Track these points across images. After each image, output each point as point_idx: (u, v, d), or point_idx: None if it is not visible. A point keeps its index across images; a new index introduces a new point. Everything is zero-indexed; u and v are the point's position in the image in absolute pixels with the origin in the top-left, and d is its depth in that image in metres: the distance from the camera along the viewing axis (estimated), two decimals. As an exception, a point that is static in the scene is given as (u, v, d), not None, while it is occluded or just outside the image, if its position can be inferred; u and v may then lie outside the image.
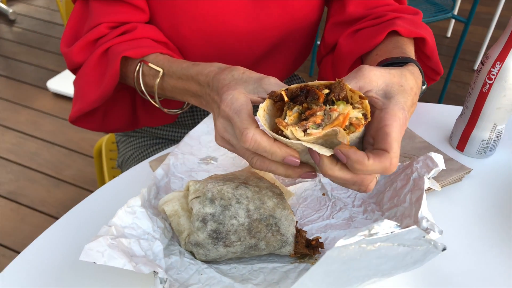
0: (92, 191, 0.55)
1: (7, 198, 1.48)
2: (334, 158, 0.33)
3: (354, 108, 0.33)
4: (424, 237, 0.30)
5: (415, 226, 0.29)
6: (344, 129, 0.32)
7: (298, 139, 0.32)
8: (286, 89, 0.35)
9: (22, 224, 1.39)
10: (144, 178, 0.51)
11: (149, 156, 0.75)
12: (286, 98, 0.34)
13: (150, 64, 0.54)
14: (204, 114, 0.76)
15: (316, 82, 0.34)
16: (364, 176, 0.34)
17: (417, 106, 0.61)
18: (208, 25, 0.61)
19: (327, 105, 0.33)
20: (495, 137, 0.54)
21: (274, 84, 0.38)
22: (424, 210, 0.40)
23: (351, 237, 0.26)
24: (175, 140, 0.77)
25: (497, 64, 0.50)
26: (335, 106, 0.33)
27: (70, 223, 0.46)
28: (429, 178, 0.43)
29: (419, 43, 0.56)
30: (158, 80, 0.52)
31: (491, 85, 0.51)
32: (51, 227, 0.46)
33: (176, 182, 0.47)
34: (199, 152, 0.50)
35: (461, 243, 0.45)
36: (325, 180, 0.49)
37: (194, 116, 0.75)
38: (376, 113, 0.36)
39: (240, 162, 0.51)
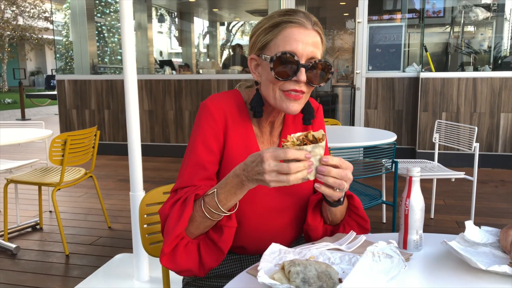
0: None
1: None
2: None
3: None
4: (396, 251, 0.76)
5: (393, 242, 0.75)
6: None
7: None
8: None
9: None
10: None
11: None
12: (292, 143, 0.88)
13: (208, 193, 0.97)
14: (240, 265, 1.17)
15: (303, 133, 0.90)
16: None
17: (382, 235, 1.10)
18: (256, 208, 1.10)
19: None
20: (419, 238, 1.03)
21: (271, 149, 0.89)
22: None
23: (370, 246, 0.72)
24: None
25: (407, 199, 1.02)
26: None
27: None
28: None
29: (350, 199, 1.12)
30: (215, 196, 0.96)
31: (408, 210, 1.02)
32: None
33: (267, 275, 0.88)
34: (272, 261, 0.93)
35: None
36: (340, 272, 0.93)
37: (233, 268, 1.17)
38: None
39: (294, 265, 0.93)
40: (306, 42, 1.01)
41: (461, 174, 2.99)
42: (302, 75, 1.00)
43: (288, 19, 1.02)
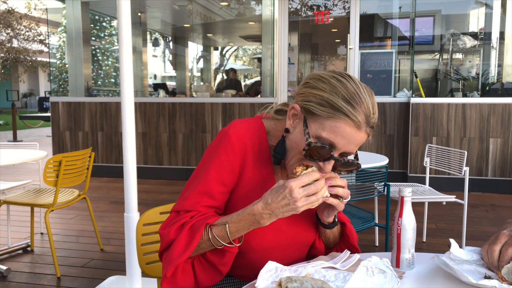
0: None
1: None
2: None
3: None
4: (389, 266, 0.78)
5: (386, 259, 0.77)
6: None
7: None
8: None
9: None
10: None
11: None
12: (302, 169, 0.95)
13: (218, 224, 0.99)
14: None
15: (303, 166, 0.98)
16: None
17: (375, 254, 1.13)
18: (264, 242, 1.10)
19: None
20: (412, 257, 1.06)
21: (282, 180, 0.96)
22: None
23: (364, 261, 0.74)
24: None
25: (399, 219, 1.06)
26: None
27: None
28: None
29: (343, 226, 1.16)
30: (227, 229, 0.98)
31: (400, 229, 1.05)
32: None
33: (264, 292, 0.90)
34: (268, 279, 0.95)
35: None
36: None
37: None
38: None
39: (290, 282, 0.95)
40: (351, 142, 0.97)
41: (452, 198, 3.04)
42: (329, 166, 0.98)
43: (349, 113, 0.94)
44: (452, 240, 1.10)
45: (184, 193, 1.08)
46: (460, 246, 1.13)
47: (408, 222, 1.05)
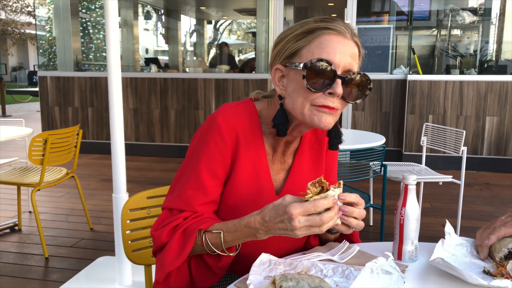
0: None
1: None
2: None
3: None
4: (396, 267, 0.71)
5: (391, 258, 0.70)
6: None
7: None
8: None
9: None
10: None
11: None
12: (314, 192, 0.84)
13: (213, 231, 0.92)
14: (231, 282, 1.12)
15: (317, 186, 0.84)
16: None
17: (375, 245, 1.06)
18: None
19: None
20: (415, 249, 0.99)
21: (289, 198, 0.83)
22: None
23: (369, 263, 0.67)
24: None
25: (403, 208, 0.98)
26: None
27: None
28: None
29: None
30: (222, 238, 0.90)
31: (403, 219, 0.98)
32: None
33: (256, 289, 0.83)
34: (261, 273, 0.88)
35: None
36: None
37: (222, 284, 1.11)
38: None
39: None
40: (344, 52, 0.90)
41: (448, 178, 2.98)
42: (338, 87, 0.89)
43: (326, 26, 0.91)
44: (447, 223, 1.05)
45: (175, 187, 1.00)
46: (455, 226, 1.10)
47: (412, 211, 0.98)
